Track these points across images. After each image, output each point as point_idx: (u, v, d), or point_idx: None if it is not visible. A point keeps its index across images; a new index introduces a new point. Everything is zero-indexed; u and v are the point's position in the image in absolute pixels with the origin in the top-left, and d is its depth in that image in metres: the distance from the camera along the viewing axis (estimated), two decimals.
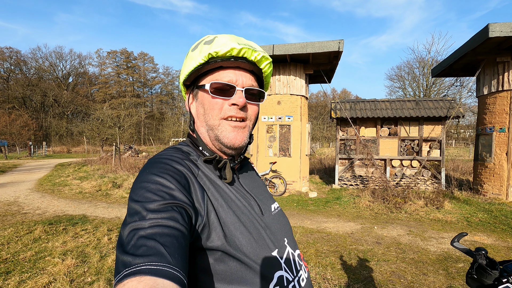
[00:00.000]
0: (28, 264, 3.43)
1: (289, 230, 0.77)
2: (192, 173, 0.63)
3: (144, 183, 0.55)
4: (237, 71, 0.68)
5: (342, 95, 56.00)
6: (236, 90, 0.67)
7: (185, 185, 0.58)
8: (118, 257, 0.45)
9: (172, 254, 0.45)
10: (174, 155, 0.65)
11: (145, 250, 0.44)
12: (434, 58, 26.96)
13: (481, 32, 6.71)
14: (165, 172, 0.57)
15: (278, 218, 0.76)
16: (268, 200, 0.78)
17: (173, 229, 0.49)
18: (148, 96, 55.71)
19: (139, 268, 0.41)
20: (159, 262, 0.42)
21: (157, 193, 0.53)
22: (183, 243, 0.48)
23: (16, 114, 35.20)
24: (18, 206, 6.65)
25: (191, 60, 0.68)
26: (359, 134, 9.28)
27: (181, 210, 0.53)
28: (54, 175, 11.97)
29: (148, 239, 0.45)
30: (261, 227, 0.67)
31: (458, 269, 3.47)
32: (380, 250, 4.10)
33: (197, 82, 0.71)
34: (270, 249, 0.65)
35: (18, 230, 4.71)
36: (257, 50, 0.68)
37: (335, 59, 8.34)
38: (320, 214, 6.26)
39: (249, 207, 0.68)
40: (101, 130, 24.85)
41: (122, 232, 0.49)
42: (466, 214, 6.05)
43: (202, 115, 0.70)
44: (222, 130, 0.67)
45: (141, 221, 0.48)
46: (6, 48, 42.84)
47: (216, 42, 0.66)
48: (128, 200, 0.55)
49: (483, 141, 7.78)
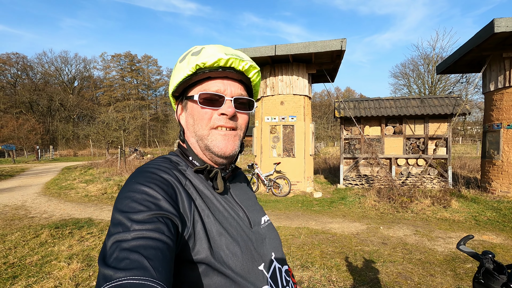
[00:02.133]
0: (34, 269, 3.46)
1: (278, 245, 0.75)
2: (179, 183, 0.62)
3: (129, 192, 0.54)
4: (225, 81, 0.68)
5: (346, 94, 55.71)
6: (225, 100, 0.66)
7: (171, 195, 0.57)
8: (100, 270, 0.43)
9: (156, 268, 0.43)
10: (161, 164, 0.64)
11: (127, 264, 0.42)
12: (439, 55, 26.71)
13: (486, 27, 6.60)
14: (151, 181, 0.56)
15: (267, 232, 0.74)
16: (259, 213, 0.77)
17: (158, 241, 0.47)
18: (152, 99, 56.13)
19: (120, 283, 0.39)
20: (142, 276, 0.41)
21: (142, 203, 0.51)
22: (168, 256, 0.47)
23: (23, 119, 35.71)
24: (26, 210, 6.73)
25: (179, 72, 0.67)
26: (364, 133, 9.21)
27: (167, 221, 0.51)
28: (61, 178, 12.11)
29: (131, 252, 0.44)
30: (248, 240, 0.65)
31: (466, 270, 3.41)
32: (386, 251, 4.05)
33: (185, 93, 0.71)
34: (257, 263, 0.64)
35: (25, 234, 4.76)
36: (244, 60, 0.67)
37: (338, 58, 8.28)
38: (325, 214, 6.21)
39: (238, 219, 0.67)
40: (107, 133, 25.08)
41: (106, 243, 0.47)
42: (474, 213, 5.96)
43: (192, 125, 0.69)
44: (212, 140, 0.66)
45: (124, 233, 0.47)
46: (13, 54, 43.57)
47: (204, 53, 0.66)
48: (112, 210, 0.53)
49: (490, 138, 7.66)
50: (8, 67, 43.50)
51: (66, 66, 49.26)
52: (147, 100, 54.56)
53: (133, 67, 54.04)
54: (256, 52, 7.94)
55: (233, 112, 0.66)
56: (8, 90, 43.49)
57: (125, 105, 47.67)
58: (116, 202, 0.53)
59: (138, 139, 40.95)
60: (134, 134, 31.67)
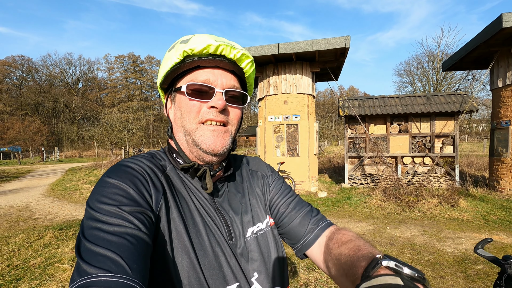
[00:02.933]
0: (37, 271, 3.43)
1: (268, 261, 0.65)
2: (155, 175, 0.59)
3: (101, 187, 0.51)
4: (216, 70, 0.62)
5: (350, 93, 55.42)
6: (216, 92, 0.61)
7: (145, 187, 0.54)
8: (76, 263, 0.42)
9: (130, 265, 0.42)
10: (138, 158, 0.61)
11: (100, 260, 0.41)
12: (444, 52, 26.39)
13: (493, 23, 6.47)
14: (123, 175, 0.54)
15: (254, 245, 0.64)
16: (249, 222, 0.67)
17: (131, 236, 0.45)
18: (156, 99, 56.33)
19: (94, 280, 0.39)
20: (116, 273, 0.40)
21: (113, 197, 0.49)
22: (143, 251, 0.45)
23: (29, 121, 36.10)
24: (30, 211, 6.74)
25: (166, 61, 0.63)
26: (369, 131, 9.10)
27: (139, 215, 0.49)
28: (65, 179, 12.16)
29: (104, 249, 0.42)
30: (221, 254, 0.58)
31: (477, 271, 3.31)
32: (393, 251, 3.96)
33: (174, 84, 0.66)
34: (227, 282, 0.56)
35: (29, 236, 4.75)
36: (236, 48, 0.62)
37: (341, 56, 8.18)
38: (330, 214, 6.13)
39: (213, 228, 0.60)
40: (111, 134, 25.24)
41: (79, 237, 0.45)
42: (483, 212, 5.83)
43: (180, 119, 0.64)
44: (200, 135, 0.61)
45: (97, 229, 0.45)
46: (18, 56, 44.12)
47: (193, 40, 0.61)
48: (85, 205, 0.50)
49: (498, 135, 7.51)
50: (14, 69, 44.01)
51: (70, 68, 49.79)
52: (150, 100, 54.80)
53: (136, 68, 54.33)
54: (259, 51, 7.87)
55: (223, 105, 0.60)
56: (14, 92, 44.02)
57: (128, 106, 47.96)
58: (89, 198, 0.51)
59: (142, 140, 41.15)
60: (138, 134, 31.83)
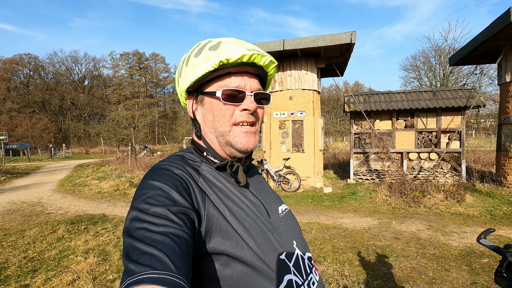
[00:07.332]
0: (53, 263, 3.56)
1: (298, 232, 0.76)
2: (192, 178, 0.64)
3: (145, 189, 0.56)
4: (245, 77, 0.68)
5: (355, 88, 54.93)
6: (246, 95, 0.67)
7: (186, 190, 0.59)
8: (124, 264, 0.46)
9: (175, 262, 0.45)
10: (174, 161, 0.66)
11: (147, 258, 0.44)
12: (451, 46, 25.93)
13: (502, 16, 6.38)
14: (166, 178, 0.58)
15: (286, 220, 0.75)
16: (275, 202, 0.78)
17: (175, 235, 0.49)
18: (161, 96, 56.56)
19: (141, 277, 0.42)
20: (161, 270, 0.43)
21: (158, 199, 0.53)
22: (185, 250, 0.49)
23: (36, 118, 36.59)
24: (42, 206, 6.92)
25: (196, 67, 0.66)
26: (374, 127, 9.08)
27: (182, 216, 0.53)
28: (74, 176, 12.39)
29: (150, 247, 0.46)
30: (267, 230, 0.66)
31: (482, 265, 3.35)
32: (399, 245, 4.01)
33: (201, 88, 0.70)
34: (278, 252, 0.64)
35: (43, 230, 4.91)
36: (265, 56, 0.68)
37: (347, 52, 8.16)
38: (336, 209, 6.18)
39: (255, 210, 0.68)
40: (117, 131, 25.47)
41: (125, 239, 0.49)
42: (489, 207, 5.83)
43: (211, 121, 0.69)
44: (235, 136, 0.68)
45: (143, 229, 0.49)
46: (25, 54, 44.51)
47: (223, 48, 0.65)
48: (129, 207, 0.55)
49: (506, 130, 7.45)
50: (21, 67, 44.52)
51: (76, 65, 50.09)
52: (155, 97, 55.00)
53: (141, 65, 54.47)
54: (265, 47, 7.89)
55: (255, 107, 0.67)
56: (21, 90, 44.57)
57: (134, 103, 48.21)
58: (133, 200, 0.55)
59: (148, 137, 41.44)
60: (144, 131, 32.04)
